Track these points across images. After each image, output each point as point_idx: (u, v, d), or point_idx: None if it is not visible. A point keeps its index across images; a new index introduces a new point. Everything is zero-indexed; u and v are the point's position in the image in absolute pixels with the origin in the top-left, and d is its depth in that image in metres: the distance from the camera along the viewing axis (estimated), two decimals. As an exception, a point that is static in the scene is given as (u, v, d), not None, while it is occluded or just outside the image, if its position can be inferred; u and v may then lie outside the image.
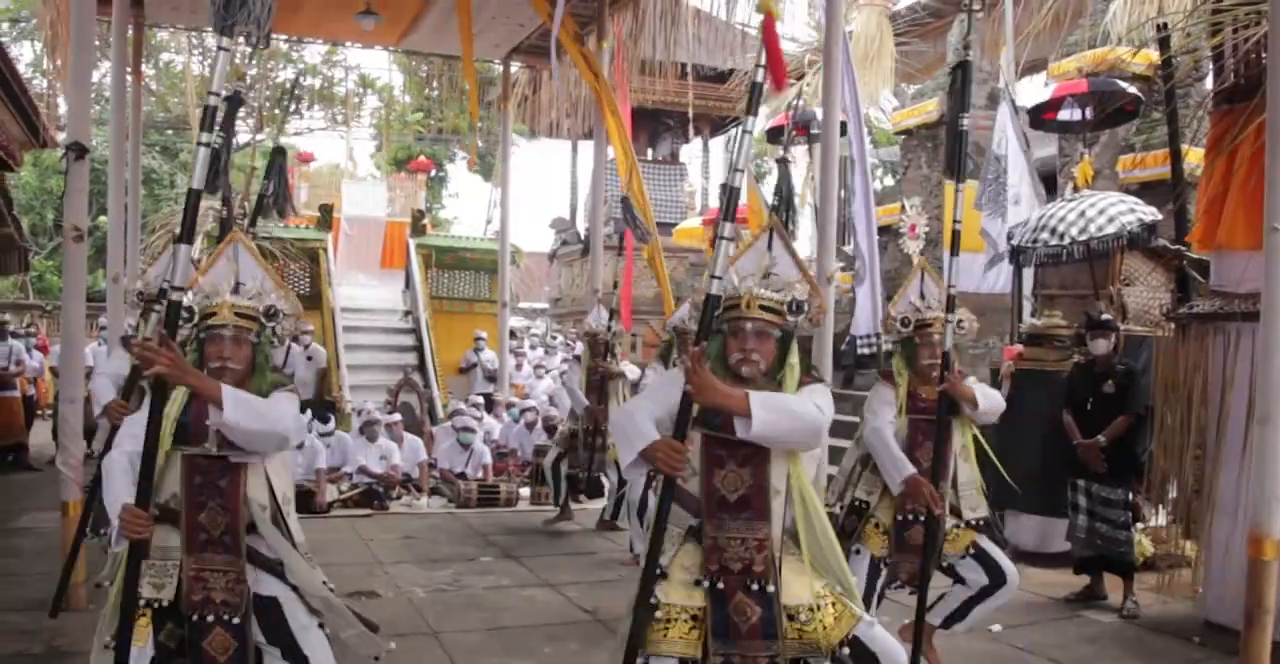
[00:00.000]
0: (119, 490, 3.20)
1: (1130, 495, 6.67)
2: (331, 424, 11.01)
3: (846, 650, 3.12)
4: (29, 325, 18.97)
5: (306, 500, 9.68)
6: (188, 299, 3.33)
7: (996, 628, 6.08)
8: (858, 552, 4.84)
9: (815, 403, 3.03)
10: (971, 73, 5.02)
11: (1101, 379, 6.81)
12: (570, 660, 5.52)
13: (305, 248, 16.47)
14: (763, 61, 3.06)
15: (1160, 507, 7.02)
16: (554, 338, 18.76)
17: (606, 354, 8.81)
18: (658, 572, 3.13)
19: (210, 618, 3.27)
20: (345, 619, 3.51)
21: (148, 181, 20.27)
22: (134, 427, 3.30)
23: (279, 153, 7.98)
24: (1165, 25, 7.70)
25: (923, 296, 4.96)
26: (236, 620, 3.27)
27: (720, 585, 3.09)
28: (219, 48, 3.22)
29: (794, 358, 3.18)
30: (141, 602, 3.26)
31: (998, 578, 4.79)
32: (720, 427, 3.11)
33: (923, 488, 4.59)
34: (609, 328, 8.89)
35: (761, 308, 3.14)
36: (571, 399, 8.84)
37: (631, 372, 8.92)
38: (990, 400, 4.78)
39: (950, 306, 4.67)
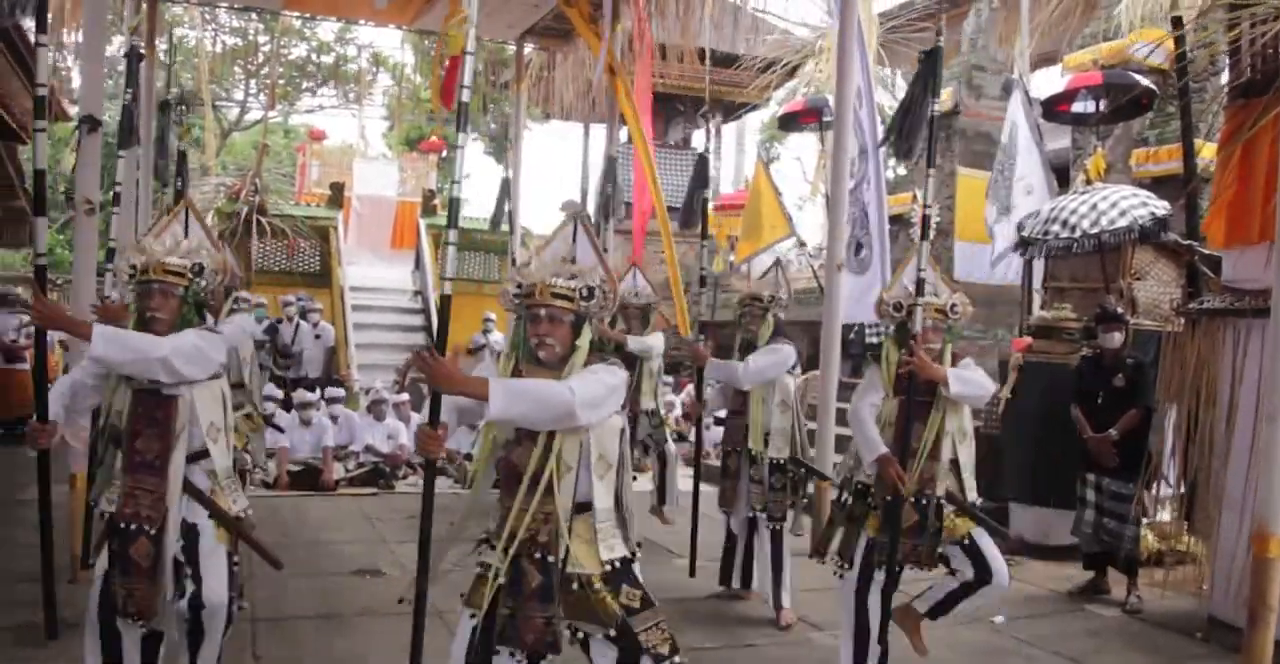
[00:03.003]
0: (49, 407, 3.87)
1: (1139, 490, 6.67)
2: (341, 396, 11.08)
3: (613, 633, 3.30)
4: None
5: (314, 478, 9.75)
6: (132, 258, 3.90)
7: (999, 620, 6.10)
8: (859, 532, 4.82)
9: (570, 385, 3.15)
10: (940, 59, 5.38)
11: (1111, 372, 6.79)
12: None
13: (316, 226, 16.49)
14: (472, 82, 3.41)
15: (1164, 502, 7.02)
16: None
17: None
18: (483, 537, 3.47)
19: (134, 527, 3.74)
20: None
21: (160, 156, 20.24)
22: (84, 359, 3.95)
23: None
24: (1180, 19, 7.64)
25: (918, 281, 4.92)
26: (154, 532, 3.73)
27: (513, 550, 3.30)
28: (36, 44, 3.83)
29: (583, 340, 3.36)
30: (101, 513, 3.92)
31: (984, 574, 4.66)
32: None
33: (890, 467, 4.59)
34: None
35: (554, 295, 3.31)
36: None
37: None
38: (969, 385, 4.65)
39: (920, 290, 4.67)
